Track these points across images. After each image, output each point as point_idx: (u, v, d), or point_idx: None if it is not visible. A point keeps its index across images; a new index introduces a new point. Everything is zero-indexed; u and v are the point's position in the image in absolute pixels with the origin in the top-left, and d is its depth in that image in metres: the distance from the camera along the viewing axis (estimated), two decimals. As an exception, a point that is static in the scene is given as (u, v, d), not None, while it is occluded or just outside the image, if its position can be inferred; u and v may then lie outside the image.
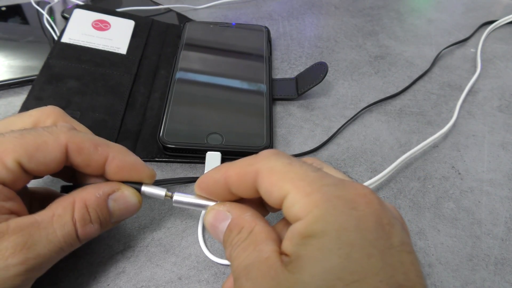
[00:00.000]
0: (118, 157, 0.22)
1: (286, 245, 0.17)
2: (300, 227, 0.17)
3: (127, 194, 0.22)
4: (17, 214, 0.20)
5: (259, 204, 0.22)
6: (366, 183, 0.30)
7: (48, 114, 0.23)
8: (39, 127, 0.21)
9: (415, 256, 0.17)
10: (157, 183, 0.30)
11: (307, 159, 0.22)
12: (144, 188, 0.23)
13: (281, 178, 0.18)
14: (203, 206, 0.22)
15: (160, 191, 0.23)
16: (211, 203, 0.22)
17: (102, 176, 0.23)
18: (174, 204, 0.23)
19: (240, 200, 0.21)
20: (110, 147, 0.22)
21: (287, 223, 0.20)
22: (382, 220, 0.17)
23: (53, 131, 0.21)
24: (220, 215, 0.21)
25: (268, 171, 0.19)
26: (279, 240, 0.18)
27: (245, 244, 0.19)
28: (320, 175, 0.18)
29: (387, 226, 0.17)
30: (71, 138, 0.21)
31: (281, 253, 0.18)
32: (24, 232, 0.19)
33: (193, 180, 0.30)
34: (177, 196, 0.23)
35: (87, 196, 0.21)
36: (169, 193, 0.23)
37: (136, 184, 0.23)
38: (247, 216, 0.20)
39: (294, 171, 0.18)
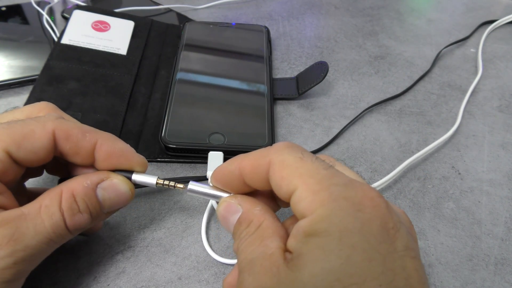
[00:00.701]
0: (107, 143, 0.22)
1: (290, 242, 0.18)
2: (304, 225, 0.17)
3: (117, 182, 0.22)
4: (6, 208, 0.20)
5: (271, 198, 0.22)
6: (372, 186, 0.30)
7: (40, 109, 0.23)
8: (27, 118, 0.21)
9: (419, 262, 0.17)
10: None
11: (321, 155, 0.22)
12: (135, 176, 0.23)
13: (291, 173, 0.18)
14: (216, 197, 0.22)
15: (151, 179, 0.23)
16: (224, 195, 0.22)
17: (94, 167, 0.23)
18: (188, 193, 0.22)
19: (253, 193, 0.21)
20: (98, 134, 0.22)
21: (296, 219, 0.20)
22: (387, 224, 0.17)
23: (40, 120, 0.21)
24: (231, 208, 0.21)
25: (279, 164, 0.19)
26: (286, 237, 0.19)
27: (252, 238, 0.19)
28: (331, 173, 0.18)
29: (392, 230, 0.17)
30: (58, 126, 0.21)
31: (286, 250, 0.18)
32: (11, 225, 0.18)
33: (195, 179, 0.30)
34: (192, 185, 0.22)
35: (74, 185, 0.21)
36: (161, 181, 0.23)
37: (127, 173, 0.23)
38: (257, 211, 0.20)
39: (305, 166, 0.18)
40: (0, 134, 0.20)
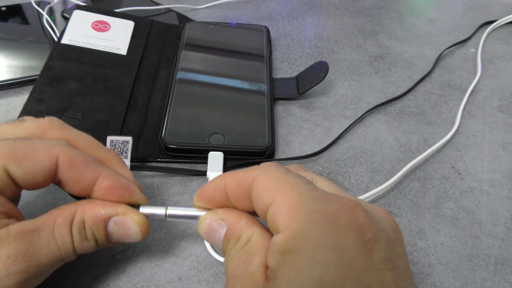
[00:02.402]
0: (110, 178, 0.21)
1: (269, 259, 0.17)
2: (279, 242, 0.17)
3: (130, 221, 0.21)
4: (14, 217, 0.20)
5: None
6: (375, 190, 0.30)
7: (43, 127, 0.22)
8: (34, 138, 0.21)
9: (398, 272, 0.16)
10: (158, 169, 0.30)
11: (295, 167, 0.21)
12: (142, 210, 0.22)
13: (274, 185, 0.18)
14: (198, 218, 0.22)
15: (160, 210, 0.22)
16: (203, 212, 0.21)
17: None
18: (168, 219, 0.22)
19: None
20: (102, 167, 0.21)
21: None
22: (364, 235, 0.16)
23: (47, 143, 0.20)
24: (214, 225, 0.20)
25: (265, 176, 0.19)
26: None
27: (239, 254, 0.19)
28: (309, 188, 0.18)
29: (369, 242, 0.16)
30: (63, 152, 0.20)
31: (268, 266, 0.17)
32: (26, 239, 0.18)
33: (195, 173, 0.31)
34: (171, 210, 0.22)
35: (88, 211, 0.20)
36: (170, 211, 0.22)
37: (134, 206, 0.22)
38: (243, 224, 0.19)
39: (288, 180, 0.18)
40: (2, 151, 0.19)
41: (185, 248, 0.26)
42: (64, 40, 0.38)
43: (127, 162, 0.25)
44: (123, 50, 0.39)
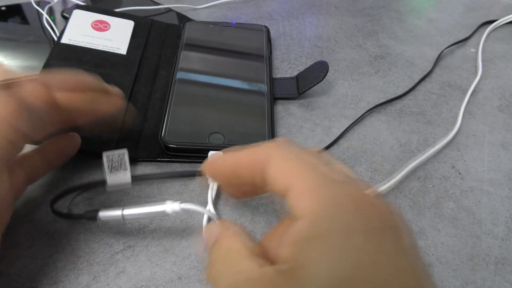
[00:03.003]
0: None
1: (285, 250, 0.16)
2: (303, 228, 0.15)
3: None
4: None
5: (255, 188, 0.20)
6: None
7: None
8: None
9: (423, 259, 0.16)
10: (156, 176, 0.30)
11: (314, 149, 0.20)
12: (101, 214, 0.24)
13: (291, 166, 0.17)
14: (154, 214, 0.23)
15: (116, 212, 0.24)
16: (159, 208, 0.23)
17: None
18: (126, 221, 0.24)
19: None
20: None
21: (282, 227, 0.19)
22: (388, 222, 0.16)
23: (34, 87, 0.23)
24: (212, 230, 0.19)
25: (280, 156, 0.18)
26: (262, 253, 0.17)
27: (227, 262, 0.17)
28: (330, 170, 0.17)
29: (394, 228, 0.16)
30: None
31: (273, 262, 0.16)
32: None
33: (190, 174, 0.30)
34: (127, 211, 0.24)
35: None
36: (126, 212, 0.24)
37: (93, 212, 0.24)
38: (230, 232, 0.19)
39: (305, 161, 0.17)
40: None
41: (185, 248, 0.26)
42: (64, 40, 0.38)
43: (127, 173, 0.26)
44: (123, 50, 0.39)
